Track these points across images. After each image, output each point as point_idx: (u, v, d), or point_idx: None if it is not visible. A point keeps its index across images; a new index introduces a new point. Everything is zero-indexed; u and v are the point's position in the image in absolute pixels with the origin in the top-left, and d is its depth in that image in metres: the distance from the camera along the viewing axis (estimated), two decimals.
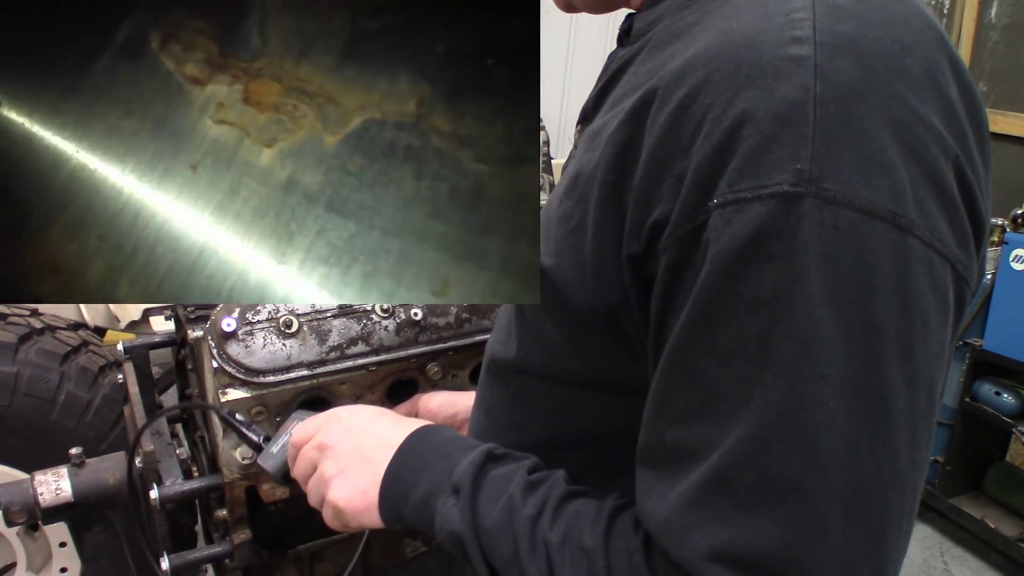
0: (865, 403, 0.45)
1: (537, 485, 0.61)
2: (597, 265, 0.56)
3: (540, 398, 0.68)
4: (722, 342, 0.47)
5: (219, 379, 0.93)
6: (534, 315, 0.66)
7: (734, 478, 0.47)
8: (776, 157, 0.45)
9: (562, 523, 0.57)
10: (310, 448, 0.77)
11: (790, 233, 0.44)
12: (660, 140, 0.50)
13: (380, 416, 0.76)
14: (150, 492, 0.98)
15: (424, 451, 0.68)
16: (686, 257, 0.49)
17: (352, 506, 0.70)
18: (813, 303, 0.44)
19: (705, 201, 0.47)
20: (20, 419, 1.49)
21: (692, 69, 0.49)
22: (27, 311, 1.67)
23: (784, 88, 0.45)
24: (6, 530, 1.56)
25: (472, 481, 0.62)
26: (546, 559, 0.56)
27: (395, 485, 0.68)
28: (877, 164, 0.45)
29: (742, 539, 0.46)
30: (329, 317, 0.98)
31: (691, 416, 0.49)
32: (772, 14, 0.48)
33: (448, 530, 0.62)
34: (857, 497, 0.45)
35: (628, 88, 0.59)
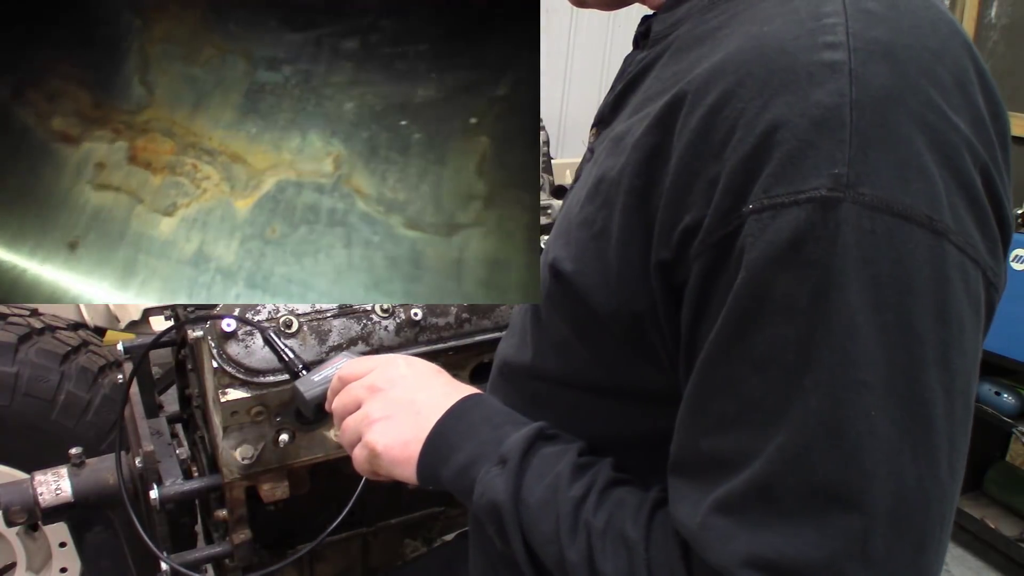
0: (906, 410, 0.45)
1: (585, 469, 0.60)
2: (622, 271, 0.55)
3: (554, 403, 0.67)
4: (758, 349, 0.46)
5: (219, 379, 0.93)
6: (551, 320, 0.65)
7: (775, 486, 0.46)
8: (813, 162, 0.44)
9: (606, 509, 0.57)
10: (359, 386, 0.75)
11: (828, 238, 0.44)
12: (690, 145, 0.49)
13: (437, 374, 0.75)
14: (150, 492, 0.98)
15: (474, 417, 0.67)
16: (719, 263, 0.48)
17: (390, 454, 0.69)
18: (852, 308, 0.44)
19: (739, 206, 0.46)
20: (20, 419, 1.49)
21: (722, 73, 0.48)
22: (27, 311, 1.67)
23: (819, 93, 0.45)
24: (6, 530, 1.56)
25: (521, 455, 0.61)
26: (586, 543, 0.55)
27: (439, 445, 0.67)
28: (913, 169, 0.45)
29: (782, 547, 0.46)
30: (329, 317, 0.98)
31: (727, 425, 0.49)
32: (804, 19, 0.47)
33: (489, 499, 0.61)
34: (900, 507, 0.45)
35: (652, 92, 0.58)
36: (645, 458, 0.61)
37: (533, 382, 0.70)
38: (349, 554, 1.26)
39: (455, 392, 0.71)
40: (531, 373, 0.69)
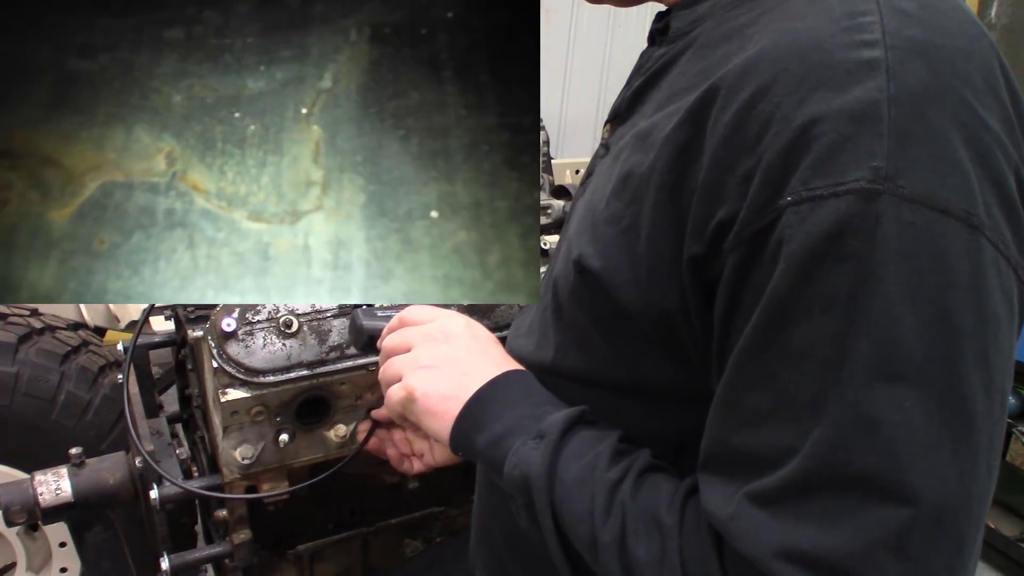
0: (945, 405, 0.45)
1: (624, 454, 0.60)
2: (652, 267, 0.55)
3: (574, 402, 0.67)
4: (795, 342, 0.46)
5: (219, 379, 0.93)
6: (574, 317, 0.65)
7: (811, 479, 0.46)
8: (852, 155, 0.45)
9: (642, 493, 0.57)
10: (416, 331, 0.76)
11: (868, 230, 0.44)
12: (724, 140, 0.50)
13: (493, 344, 0.75)
14: (150, 492, 0.98)
15: (518, 391, 0.68)
16: (754, 256, 0.48)
17: (427, 402, 0.70)
18: (892, 300, 0.44)
19: (776, 199, 0.47)
20: (20, 419, 1.49)
21: (756, 69, 0.49)
22: (27, 311, 1.67)
23: (858, 89, 0.45)
24: (6, 530, 1.56)
25: (560, 433, 0.61)
26: (620, 524, 0.55)
27: (477, 411, 0.68)
28: (949, 165, 0.45)
29: (817, 538, 0.45)
30: (329, 317, 0.98)
31: (761, 419, 0.49)
32: (839, 17, 0.48)
33: (521, 471, 0.61)
34: (940, 504, 0.45)
35: (677, 88, 0.58)
36: (665, 457, 0.61)
37: (551, 380, 0.70)
38: (349, 554, 1.26)
39: (504, 364, 0.71)
40: (551, 371, 0.69)
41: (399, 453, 1.00)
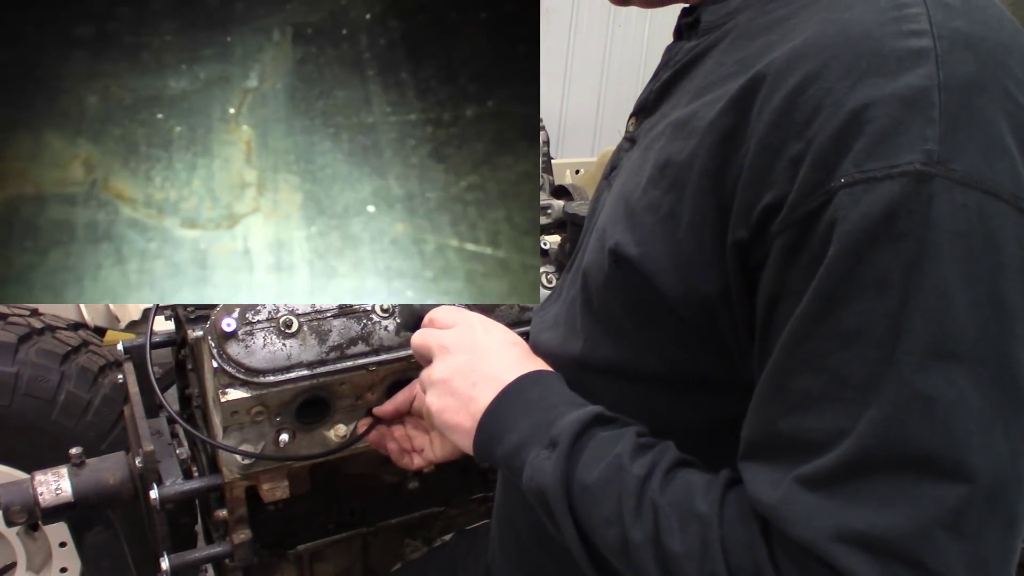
0: (997, 385, 0.45)
1: (647, 448, 0.60)
2: (693, 253, 0.56)
3: (602, 395, 0.67)
4: (847, 323, 0.47)
5: (219, 379, 0.93)
6: (607, 307, 0.65)
7: (865, 460, 0.46)
8: (905, 138, 0.46)
9: (674, 488, 0.56)
10: (435, 340, 0.76)
11: (921, 212, 0.45)
12: (771, 125, 0.50)
13: (510, 346, 0.75)
14: (150, 492, 0.98)
15: (531, 396, 0.68)
16: (803, 239, 0.49)
17: (442, 418, 0.72)
18: (945, 280, 0.45)
19: (827, 181, 0.47)
20: (20, 419, 1.49)
21: (804, 57, 0.50)
22: (27, 311, 1.67)
23: (909, 76, 0.46)
24: (6, 530, 1.56)
25: (572, 439, 0.61)
26: (653, 521, 0.55)
27: (493, 423, 0.68)
28: (999, 150, 0.46)
29: (873, 518, 0.46)
30: (329, 317, 0.98)
31: (812, 402, 0.49)
32: (885, 8, 0.49)
33: (537, 483, 0.61)
34: (994, 482, 0.45)
35: (715, 78, 0.59)
36: (698, 448, 0.61)
37: (580, 373, 0.69)
38: (349, 554, 1.26)
39: (518, 367, 0.71)
40: (580, 364, 0.69)
41: (399, 448, 1.00)
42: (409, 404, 1.00)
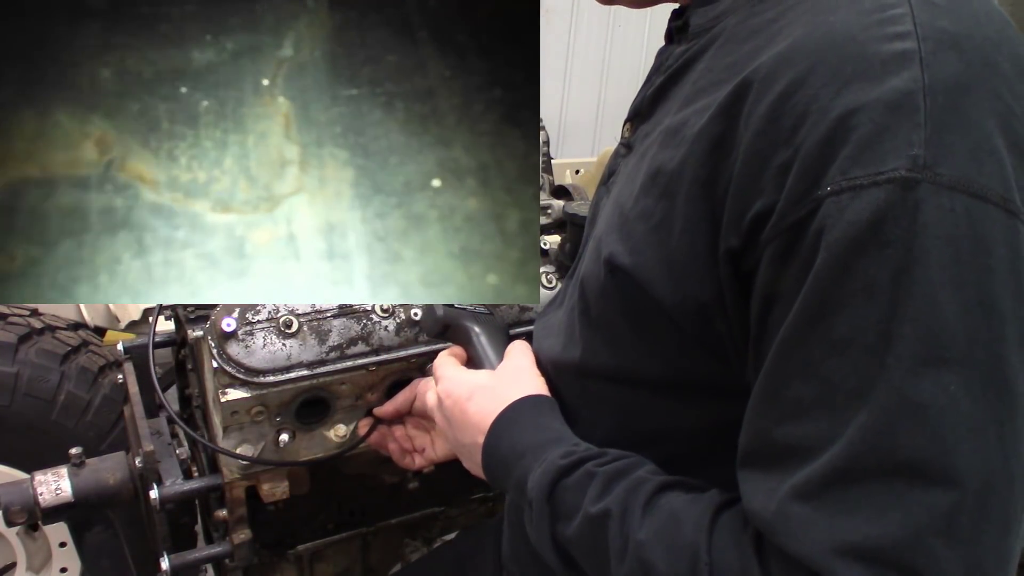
0: (989, 388, 0.45)
1: (617, 478, 0.60)
2: (686, 261, 0.56)
3: (603, 400, 0.67)
4: (838, 330, 0.47)
5: (219, 379, 0.93)
6: (604, 316, 0.65)
7: (855, 468, 0.46)
8: (890, 144, 0.45)
9: (656, 516, 0.56)
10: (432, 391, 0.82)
11: (908, 218, 0.45)
12: (759, 132, 0.50)
13: (474, 397, 0.76)
14: (150, 492, 0.98)
15: (509, 449, 0.70)
16: (792, 247, 0.49)
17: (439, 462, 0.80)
18: (934, 286, 0.45)
19: (814, 189, 0.47)
20: (20, 419, 1.49)
21: (790, 62, 0.49)
22: (27, 311, 1.67)
23: (893, 80, 0.46)
24: (6, 530, 1.56)
25: (544, 500, 0.63)
26: (637, 558, 0.55)
27: (495, 469, 0.72)
28: (986, 152, 0.46)
29: (866, 528, 0.45)
30: (329, 317, 0.98)
31: (804, 410, 0.48)
32: (869, 10, 0.49)
33: (533, 537, 0.65)
34: (985, 486, 0.45)
35: (704, 84, 0.59)
36: (697, 453, 0.61)
37: (581, 380, 0.70)
38: (349, 554, 1.26)
39: (485, 421, 0.73)
40: (581, 370, 0.70)
41: (400, 448, 1.00)
42: (410, 404, 1.00)
